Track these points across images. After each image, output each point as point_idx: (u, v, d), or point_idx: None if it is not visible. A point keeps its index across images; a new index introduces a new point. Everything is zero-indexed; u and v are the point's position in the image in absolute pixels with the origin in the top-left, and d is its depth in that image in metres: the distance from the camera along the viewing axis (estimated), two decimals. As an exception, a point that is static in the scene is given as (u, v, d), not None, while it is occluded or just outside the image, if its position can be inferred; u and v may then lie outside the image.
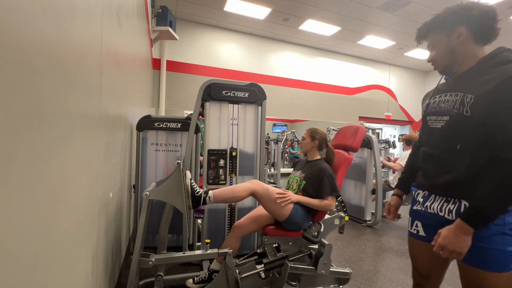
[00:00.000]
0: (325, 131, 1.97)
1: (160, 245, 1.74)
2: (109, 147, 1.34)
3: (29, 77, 0.53)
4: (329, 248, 1.67)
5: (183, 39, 6.22)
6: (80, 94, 0.84)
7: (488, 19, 0.95)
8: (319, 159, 1.89)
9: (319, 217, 1.83)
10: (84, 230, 0.95)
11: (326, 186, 1.72)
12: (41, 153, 0.59)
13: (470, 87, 0.91)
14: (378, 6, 5.48)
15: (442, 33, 0.99)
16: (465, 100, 0.91)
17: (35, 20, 0.54)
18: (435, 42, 1.02)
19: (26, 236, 0.54)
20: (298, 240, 1.77)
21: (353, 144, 1.97)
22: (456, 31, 0.96)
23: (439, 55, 1.02)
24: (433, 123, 1.03)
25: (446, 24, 0.98)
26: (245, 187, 1.65)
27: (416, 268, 1.17)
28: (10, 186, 0.47)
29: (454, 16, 0.97)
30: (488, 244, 0.88)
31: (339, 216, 1.95)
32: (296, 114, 7.93)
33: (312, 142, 1.90)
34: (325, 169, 1.76)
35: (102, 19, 1.08)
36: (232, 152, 2.20)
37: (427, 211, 1.04)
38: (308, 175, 1.81)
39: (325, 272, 1.67)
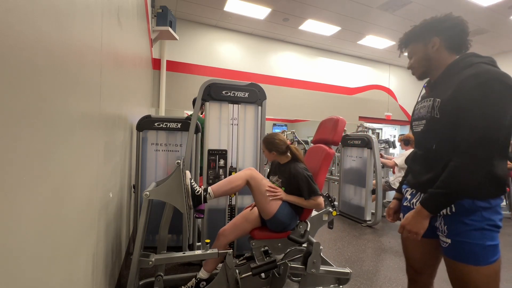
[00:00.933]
0: (279, 134, 1.89)
1: (160, 245, 1.74)
2: (109, 147, 1.34)
3: (29, 77, 0.53)
4: (316, 246, 1.66)
5: (183, 39, 6.22)
6: (80, 94, 0.84)
7: (460, 31, 1.04)
8: (289, 161, 1.82)
9: (306, 216, 1.80)
10: (84, 230, 0.95)
11: (304, 190, 1.67)
12: (41, 153, 0.59)
13: (439, 92, 1.02)
14: (378, 6, 5.48)
15: (420, 42, 1.10)
16: (435, 104, 1.01)
17: (35, 20, 0.54)
18: (414, 50, 1.13)
19: (26, 236, 0.54)
20: (286, 240, 1.73)
21: (334, 138, 1.90)
22: (432, 41, 1.07)
23: (416, 62, 1.13)
24: (416, 127, 1.14)
25: (423, 35, 1.09)
26: (241, 176, 1.65)
27: (409, 264, 1.24)
28: (10, 186, 0.47)
29: (430, 27, 1.08)
30: (468, 239, 0.94)
31: (327, 211, 1.94)
32: (296, 114, 7.93)
33: (270, 153, 1.83)
34: (299, 173, 1.69)
35: (102, 19, 1.08)
36: (232, 172, 2.19)
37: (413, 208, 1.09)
38: (284, 181, 1.78)
39: (315, 271, 1.66)
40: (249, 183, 1.67)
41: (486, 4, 5.21)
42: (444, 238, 0.99)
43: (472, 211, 0.93)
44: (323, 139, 1.99)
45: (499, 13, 5.49)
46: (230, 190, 1.64)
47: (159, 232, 1.74)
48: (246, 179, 1.65)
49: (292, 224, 1.73)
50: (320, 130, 2.09)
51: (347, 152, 3.89)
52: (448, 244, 0.98)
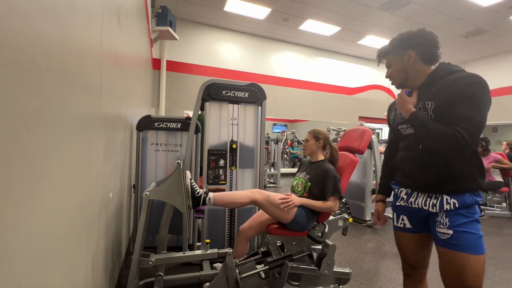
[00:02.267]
0: (325, 131, 1.97)
1: (160, 245, 1.74)
2: (109, 147, 1.34)
3: (29, 77, 0.53)
4: (333, 249, 1.67)
5: (183, 39, 6.22)
6: (80, 94, 0.84)
7: (431, 45, 1.14)
8: (323, 160, 1.89)
9: (324, 218, 1.83)
10: (84, 230, 0.96)
11: (328, 187, 1.72)
12: (41, 153, 0.59)
13: (428, 96, 1.11)
14: (378, 6, 5.48)
15: (397, 55, 1.19)
16: (427, 107, 1.10)
17: (35, 20, 0.54)
18: (391, 62, 1.22)
19: (26, 236, 0.54)
20: (302, 240, 1.77)
21: (359, 147, 1.97)
22: (407, 54, 1.16)
23: (395, 73, 1.21)
24: (405, 130, 1.20)
25: (400, 48, 1.18)
26: (246, 195, 1.67)
27: (405, 259, 1.31)
28: (9, 186, 0.47)
29: (405, 41, 1.16)
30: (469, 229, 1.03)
31: (343, 217, 1.95)
32: (296, 114, 7.93)
33: (317, 142, 1.89)
34: (329, 170, 1.76)
35: (102, 19, 1.08)
36: (233, 145, 2.20)
37: (411, 207, 1.18)
38: (312, 177, 1.81)
39: (328, 273, 1.68)
40: (256, 204, 1.69)
41: (486, 4, 5.21)
42: (446, 229, 1.06)
43: (471, 205, 1.05)
44: (348, 147, 2.04)
45: (499, 13, 5.49)
46: (231, 205, 1.69)
47: (159, 232, 1.74)
48: (251, 201, 1.67)
49: (310, 224, 1.76)
50: (345, 138, 2.17)
51: (347, 152, 3.89)
52: (449, 235, 1.05)
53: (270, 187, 6.06)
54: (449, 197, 1.07)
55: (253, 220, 1.83)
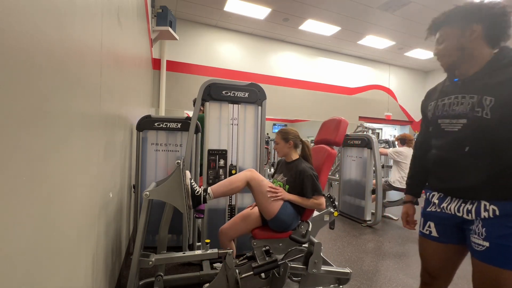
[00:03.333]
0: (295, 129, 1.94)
1: (160, 245, 1.74)
2: (109, 147, 1.34)
3: (29, 77, 0.53)
4: (318, 246, 1.66)
5: (183, 39, 6.22)
6: (80, 94, 0.84)
7: (504, 22, 0.91)
8: (298, 159, 1.85)
9: (307, 216, 1.81)
10: (84, 230, 0.95)
11: (307, 187, 1.69)
12: (41, 153, 0.59)
13: (487, 89, 0.90)
14: (378, 6, 5.48)
15: (457, 27, 0.96)
16: (484, 103, 0.89)
17: (35, 20, 0.54)
18: (447, 35, 0.99)
19: (25, 236, 0.54)
20: (288, 240, 1.74)
21: (336, 138, 1.91)
22: (471, 28, 0.93)
23: (447, 50, 0.99)
24: (447, 126, 1.01)
25: (463, 19, 0.95)
26: (241, 177, 1.66)
27: (425, 268, 1.17)
28: (9, 186, 0.47)
29: (472, 11, 0.93)
30: (507, 242, 0.88)
31: (328, 212, 1.94)
32: (296, 114, 7.93)
33: (287, 143, 1.85)
34: (304, 170, 1.72)
35: (102, 19, 1.08)
36: (232, 170, 2.19)
37: (444, 212, 1.05)
38: (289, 178, 1.79)
39: (316, 271, 1.66)
40: (249, 184, 1.67)
41: (486, 4, 5.20)
42: (481, 241, 0.93)
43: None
44: (325, 140, 1.99)
45: (499, 13, 5.48)
46: (230, 191, 1.65)
47: (159, 232, 1.74)
48: (246, 180, 1.65)
49: (294, 224, 1.73)
50: (322, 130, 2.10)
51: (347, 152, 3.89)
52: (485, 247, 0.91)
53: (270, 187, 6.06)
54: (488, 203, 0.92)
55: (234, 221, 1.79)
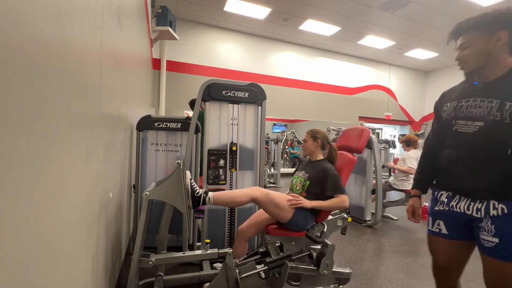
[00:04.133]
0: (325, 131, 1.97)
1: (160, 245, 1.74)
2: (109, 147, 1.34)
3: (29, 77, 0.53)
4: (331, 249, 1.67)
5: (183, 39, 6.22)
6: (80, 94, 0.84)
7: None
8: (322, 159, 1.89)
9: (323, 218, 1.83)
10: (84, 230, 0.95)
11: (330, 185, 1.71)
12: (41, 153, 0.59)
13: (508, 95, 0.94)
14: (378, 6, 5.48)
15: (482, 33, 0.99)
16: (504, 108, 0.93)
17: (35, 20, 0.54)
18: (471, 41, 1.02)
19: (26, 236, 0.54)
20: (301, 240, 1.77)
21: (358, 146, 1.97)
22: (497, 34, 0.97)
23: (472, 55, 1.02)
24: (462, 127, 1.04)
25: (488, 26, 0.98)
26: (245, 193, 1.67)
27: (437, 265, 1.23)
28: (9, 186, 0.47)
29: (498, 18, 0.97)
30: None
31: (342, 217, 1.95)
32: (296, 114, 7.93)
33: (315, 142, 1.90)
34: (328, 169, 1.76)
35: (102, 19, 1.08)
36: (232, 147, 2.19)
37: (453, 211, 1.09)
38: (311, 175, 1.81)
39: (327, 273, 1.67)
40: (256, 201, 1.69)
41: (486, 4, 5.21)
42: (490, 237, 0.97)
43: None
44: (346, 146, 2.04)
45: (499, 13, 5.49)
46: (231, 203, 1.68)
47: (159, 232, 1.74)
48: (251, 199, 1.67)
49: (309, 224, 1.75)
50: (343, 137, 2.16)
51: (347, 152, 3.89)
52: (495, 243, 0.96)
53: (270, 187, 6.06)
54: (496, 202, 0.96)
55: (251, 220, 1.83)
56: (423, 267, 2.33)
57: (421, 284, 2.05)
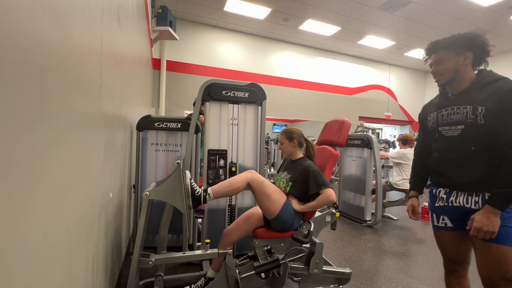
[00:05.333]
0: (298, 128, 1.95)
1: (160, 245, 1.74)
2: (109, 147, 1.34)
3: (29, 77, 0.53)
4: (320, 247, 1.66)
5: (183, 39, 6.22)
6: (80, 94, 0.84)
7: (486, 51, 1.19)
8: (302, 157, 1.87)
9: (309, 216, 1.80)
10: (84, 230, 0.95)
11: (313, 183, 1.69)
12: (41, 153, 0.59)
13: (477, 101, 1.14)
14: (378, 6, 5.48)
15: (453, 52, 1.20)
16: (477, 111, 1.13)
17: (35, 20, 0.54)
18: (444, 58, 1.22)
19: (26, 236, 0.54)
20: (289, 240, 1.74)
21: (339, 139, 1.93)
22: (464, 54, 1.19)
23: (446, 70, 1.22)
24: (447, 132, 1.24)
25: (457, 46, 1.19)
26: (241, 178, 1.65)
27: (447, 257, 1.35)
28: (10, 186, 0.47)
29: (465, 41, 1.18)
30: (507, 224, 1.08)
31: (330, 212, 1.94)
32: (296, 114, 7.93)
33: (291, 143, 1.87)
34: (309, 166, 1.74)
35: (102, 19, 1.08)
36: (232, 168, 2.19)
37: (452, 205, 1.23)
38: (293, 177, 1.79)
39: (317, 271, 1.66)
40: (250, 185, 1.67)
41: (486, 4, 5.21)
42: None
43: None
44: (328, 140, 2.01)
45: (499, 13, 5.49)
46: (230, 192, 1.65)
47: (159, 232, 1.74)
48: (247, 182, 1.65)
49: (296, 223, 1.73)
50: (325, 131, 2.12)
51: (347, 152, 3.89)
52: None
53: (270, 187, 6.06)
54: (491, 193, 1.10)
55: (237, 223, 1.78)
56: (423, 267, 2.33)
57: (421, 284, 2.05)
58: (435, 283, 2.06)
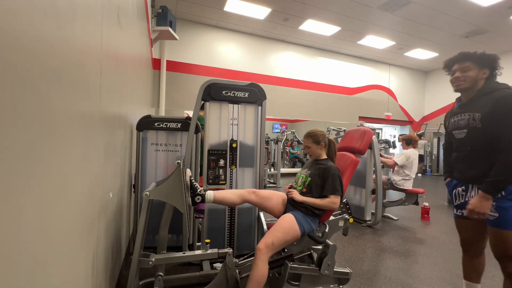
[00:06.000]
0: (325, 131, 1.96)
1: (160, 245, 1.74)
2: (109, 147, 1.34)
3: (29, 77, 0.53)
4: (333, 249, 1.67)
5: (183, 39, 6.23)
6: (80, 93, 0.84)
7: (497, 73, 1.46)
8: (326, 159, 1.87)
9: (325, 218, 1.82)
10: (84, 230, 0.95)
11: (329, 185, 1.71)
12: (41, 153, 0.59)
13: (476, 109, 1.41)
14: (378, 6, 5.48)
15: (478, 65, 1.44)
16: (475, 117, 1.40)
17: (35, 20, 0.54)
18: (470, 68, 1.44)
19: (26, 236, 0.54)
20: (302, 240, 1.74)
21: (361, 147, 1.98)
22: (484, 69, 1.43)
23: (467, 77, 1.45)
24: (458, 135, 1.52)
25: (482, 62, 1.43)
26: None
27: (463, 239, 1.62)
28: (10, 186, 0.47)
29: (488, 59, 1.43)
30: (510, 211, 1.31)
31: (343, 218, 1.94)
32: (296, 114, 7.93)
33: (319, 145, 1.86)
34: (331, 168, 1.75)
35: (102, 19, 1.08)
36: (233, 144, 2.19)
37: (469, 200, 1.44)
38: (313, 173, 1.80)
39: (328, 273, 1.68)
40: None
41: (486, 4, 5.21)
42: (493, 213, 1.35)
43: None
44: (349, 147, 2.05)
45: (499, 13, 5.49)
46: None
47: (159, 232, 1.74)
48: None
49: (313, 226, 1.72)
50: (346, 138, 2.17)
51: (347, 152, 3.89)
52: (496, 217, 1.35)
53: (270, 187, 6.06)
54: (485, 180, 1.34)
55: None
56: (423, 267, 2.33)
57: (421, 284, 2.04)
58: (435, 283, 2.06)
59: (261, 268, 1.49)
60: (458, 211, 1.58)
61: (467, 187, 1.50)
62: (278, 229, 1.58)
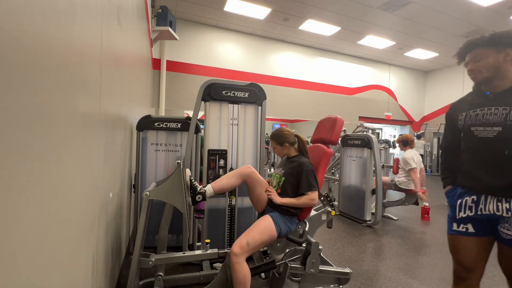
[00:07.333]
0: (286, 129, 1.94)
1: (160, 245, 1.74)
2: (109, 147, 1.34)
3: (29, 77, 0.53)
4: (315, 246, 1.65)
5: (183, 39, 6.23)
6: (80, 94, 0.84)
7: None
8: (298, 155, 1.85)
9: (305, 215, 1.79)
10: (84, 230, 0.95)
11: (303, 182, 1.68)
12: (41, 153, 0.59)
13: None
14: (378, 6, 5.48)
15: (493, 49, 1.15)
16: None
17: (35, 20, 0.54)
18: (483, 54, 1.17)
19: (26, 236, 0.54)
20: (281, 242, 1.72)
21: (332, 138, 1.91)
22: (506, 51, 1.12)
23: (484, 67, 1.16)
24: (481, 133, 1.17)
25: (498, 43, 1.14)
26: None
27: (461, 262, 1.27)
28: (10, 186, 0.47)
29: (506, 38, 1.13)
30: None
31: (325, 211, 1.92)
32: (296, 114, 7.93)
33: (283, 146, 1.85)
34: (303, 164, 1.72)
35: (102, 19, 1.08)
36: None
37: (482, 214, 1.16)
38: (286, 172, 1.78)
39: (314, 271, 1.66)
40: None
41: (486, 4, 5.21)
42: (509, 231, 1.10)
43: None
44: (321, 139, 1.99)
45: (499, 13, 5.49)
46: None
47: (159, 232, 1.74)
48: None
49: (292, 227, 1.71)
50: (318, 129, 2.10)
51: (347, 152, 3.89)
52: None
53: (270, 187, 6.06)
54: None
55: None
56: (423, 267, 2.33)
57: (421, 284, 2.05)
58: (435, 283, 2.06)
59: (241, 271, 1.48)
60: (461, 226, 1.23)
61: (479, 198, 1.17)
62: (253, 229, 1.57)
